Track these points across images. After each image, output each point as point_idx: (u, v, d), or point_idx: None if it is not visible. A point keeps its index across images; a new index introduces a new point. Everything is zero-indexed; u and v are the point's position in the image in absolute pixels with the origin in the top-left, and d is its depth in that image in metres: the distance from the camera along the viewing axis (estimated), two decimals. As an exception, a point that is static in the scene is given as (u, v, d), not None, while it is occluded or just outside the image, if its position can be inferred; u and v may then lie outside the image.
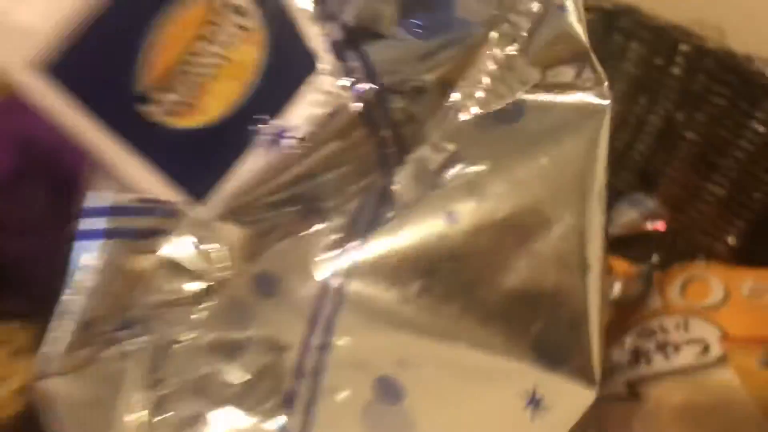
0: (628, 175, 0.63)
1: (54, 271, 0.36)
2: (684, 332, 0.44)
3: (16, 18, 0.16)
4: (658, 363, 0.43)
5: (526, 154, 0.30)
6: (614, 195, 0.63)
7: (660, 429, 0.41)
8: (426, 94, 0.24)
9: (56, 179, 0.39)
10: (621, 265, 0.55)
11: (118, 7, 0.17)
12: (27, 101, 0.17)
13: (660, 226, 0.60)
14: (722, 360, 0.43)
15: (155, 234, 0.20)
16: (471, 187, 0.29)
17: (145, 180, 0.20)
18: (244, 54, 0.21)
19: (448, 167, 0.29)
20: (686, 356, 0.43)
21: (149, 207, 0.20)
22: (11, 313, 0.41)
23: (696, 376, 0.42)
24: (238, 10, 0.20)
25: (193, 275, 0.23)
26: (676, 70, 0.58)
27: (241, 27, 0.20)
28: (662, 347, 0.44)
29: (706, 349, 0.43)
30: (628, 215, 0.59)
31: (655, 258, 0.55)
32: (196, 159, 0.21)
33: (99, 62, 0.18)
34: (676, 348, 0.43)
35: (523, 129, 0.30)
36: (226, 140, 0.22)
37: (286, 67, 0.23)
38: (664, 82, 0.59)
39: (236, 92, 0.21)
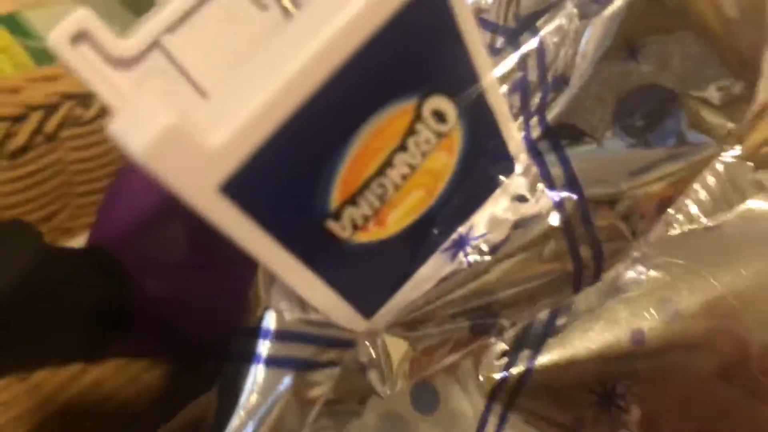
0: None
1: (187, 316, 0.35)
2: None
3: (206, 143, 0.13)
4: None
5: (724, 264, 0.26)
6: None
7: None
8: (638, 211, 0.21)
9: (201, 224, 0.38)
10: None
11: (312, 123, 0.15)
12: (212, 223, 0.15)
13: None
14: None
15: (324, 364, 0.18)
16: (657, 299, 0.25)
17: (320, 298, 0.18)
18: (437, 161, 0.18)
19: (629, 269, 0.25)
20: None
21: (318, 334, 0.17)
22: (141, 351, 0.41)
23: None
24: (439, 116, 0.17)
25: (355, 392, 0.20)
26: None
27: (438, 133, 0.18)
28: None
29: None
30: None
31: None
32: (373, 273, 0.19)
33: (286, 182, 0.15)
34: None
35: (725, 235, 0.26)
36: (405, 252, 0.20)
37: (479, 171, 0.20)
38: None
39: (423, 202, 0.19)
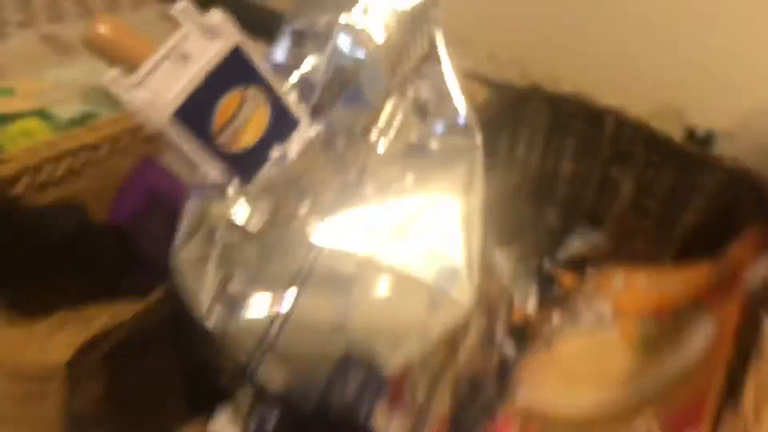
0: (581, 216, 0.82)
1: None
2: (588, 306, 0.64)
3: (162, 99, 0.40)
4: (567, 325, 0.63)
5: (432, 171, 0.52)
6: (568, 231, 0.83)
7: (562, 366, 0.60)
8: (355, 136, 0.48)
9: (171, 213, 0.64)
10: (568, 279, 0.75)
11: (200, 96, 0.41)
12: (156, 159, 0.41)
13: (602, 253, 0.79)
14: (611, 325, 0.62)
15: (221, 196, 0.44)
16: (399, 188, 0.51)
17: (217, 174, 0.44)
18: (260, 116, 0.45)
19: (387, 180, 0.51)
20: (586, 321, 0.62)
21: (218, 190, 0.44)
22: (141, 289, 0.66)
23: (592, 334, 0.62)
24: (255, 96, 0.44)
25: (242, 224, 0.46)
26: (606, 137, 0.78)
27: (257, 104, 0.44)
28: (572, 315, 0.63)
29: (601, 317, 0.62)
30: (577, 244, 0.79)
31: (589, 271, 0.74)
32: (243, 164, 0.45)
33: (198, 116, 0.42)
34: (580, 315, 0.63)
35: (428, 157, 0.52)
36: (255, 156, 0.46)
37: (283, 123, 0.46)
38: (599, 146, 0.79)
39: (257, 134, 0.45)
